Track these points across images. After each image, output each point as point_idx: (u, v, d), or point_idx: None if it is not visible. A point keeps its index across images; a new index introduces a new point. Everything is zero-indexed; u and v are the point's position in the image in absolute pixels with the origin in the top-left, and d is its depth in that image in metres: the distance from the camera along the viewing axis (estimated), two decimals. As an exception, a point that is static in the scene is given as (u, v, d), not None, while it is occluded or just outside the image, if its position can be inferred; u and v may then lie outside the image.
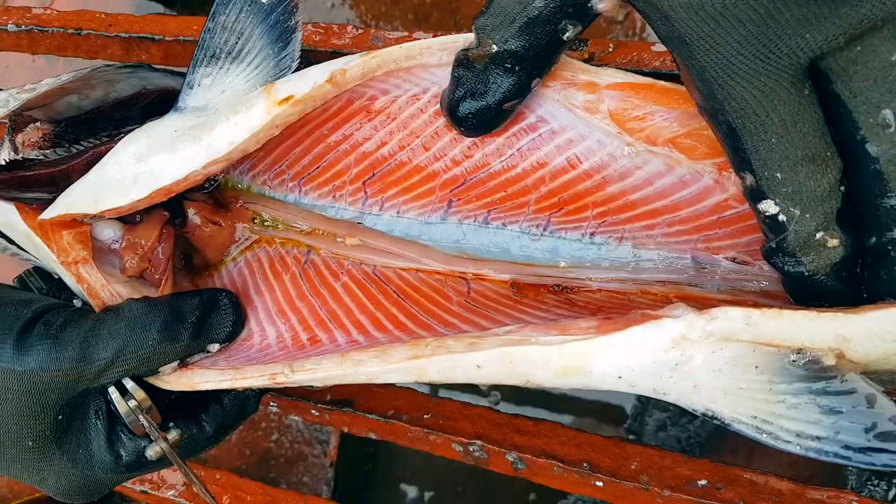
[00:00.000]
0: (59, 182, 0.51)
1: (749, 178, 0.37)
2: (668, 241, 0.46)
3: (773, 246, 0.38)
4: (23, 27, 0.72)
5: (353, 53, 0.47)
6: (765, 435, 0.37)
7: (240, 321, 0.50)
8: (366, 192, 0.52)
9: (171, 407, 0.49)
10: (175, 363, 0.47)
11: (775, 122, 0.35)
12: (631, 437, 1.13)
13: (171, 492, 0.65)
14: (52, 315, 0.46)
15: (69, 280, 0.50)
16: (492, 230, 0.50)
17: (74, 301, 0.51)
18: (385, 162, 0.51)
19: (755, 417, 0.37)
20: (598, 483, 0.58)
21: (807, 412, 0.36)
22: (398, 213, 0.52)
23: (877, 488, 0.98)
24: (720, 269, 0.45)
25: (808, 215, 0.36)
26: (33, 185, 0.52)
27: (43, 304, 0.47)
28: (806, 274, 0.38)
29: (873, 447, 0.35)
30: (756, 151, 0.36)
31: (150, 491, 0.66)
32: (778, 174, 0.36)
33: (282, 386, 0.46)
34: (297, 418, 0.67)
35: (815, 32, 0.33)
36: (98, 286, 0.49)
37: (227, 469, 0.66)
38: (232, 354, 0.49)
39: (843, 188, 0.36)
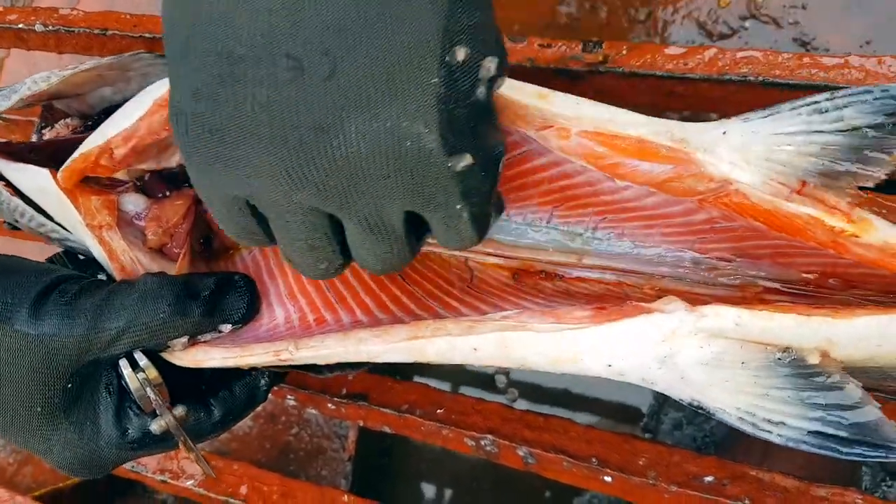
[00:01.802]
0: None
1: None
2: (666, 239, 0.47)
3: None
4: (50, 27, 0.74)
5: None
6: (747, 425, 0.38)
7: (254, 304, 0.50)
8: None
9: (182, 391, 0.50)
10: (185, 339, 0.47)
11: None
12: (647, 435, 1.13)
13: (191, 481, 0.67)
14: (69, 284, 0.47)
15: (91, 243, 0.51)
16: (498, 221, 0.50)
17: (100, 276, 0.52)
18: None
19: (739, 409, 0.38)
20: (606, 478, 0.59)
21: (789, 405, 0.37)
22: None
23: (891, 489, 0.98)
24: (717, 266, 0.46)
25: None
26: (67, 152, 0.53)
27: (61, 273, 0.48)
28: None
29: (851, 438, 0.36)
30: None
31: (169, 480, 0.68)
32: None
33: (287, 363, 0.47)
34: (315, 412, 0.69)
35: None
36: (119, 250, 0.50)
37: (247, 462, 0.68)
38: (240, 335, 0.50)
39: None
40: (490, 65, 0.35)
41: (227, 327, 0.49)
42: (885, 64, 0.53)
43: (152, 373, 0.47)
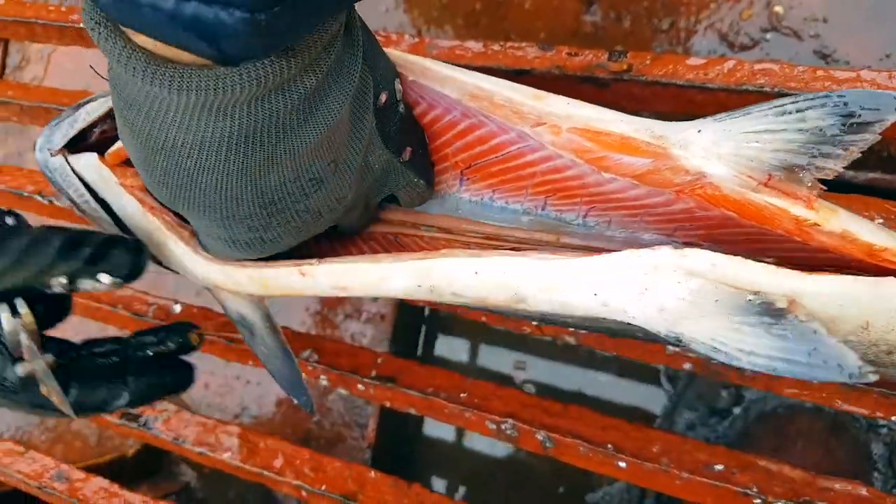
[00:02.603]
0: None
1: None
2: (648, 227, 0.50)
3: None
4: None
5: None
6: (720, 354, 0.41)
7: (139, 265, 0.52)
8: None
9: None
10: (63, 279, 0.49)
11: None
12: (659, 434, 1.16)
13: (227, 454, 0.71)
14: None
15: (122, 196, 0.55)
16: (497, 207, 0.54)
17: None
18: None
19: (713, 339, 0.41)
20: (621, 464, 0.63)
21: (758, 338, 0.41)
22: None
23: (902, 492, 1.01)
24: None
25: None
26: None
27: None
28: None
29: (812, 363, 0.40)
30: None
31: (207, 452, 0.71)
32: None
33: (306, 277, 0.51)
34: (340, 394, 0.73)
35: None
36: (150, 200, 0.54)
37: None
38: None
39: None
40: (399, 86, 0.48)
41: (106, 278, 0.50)
42: (894, 78, 0.56)
43: (28, 319, 0.50)
